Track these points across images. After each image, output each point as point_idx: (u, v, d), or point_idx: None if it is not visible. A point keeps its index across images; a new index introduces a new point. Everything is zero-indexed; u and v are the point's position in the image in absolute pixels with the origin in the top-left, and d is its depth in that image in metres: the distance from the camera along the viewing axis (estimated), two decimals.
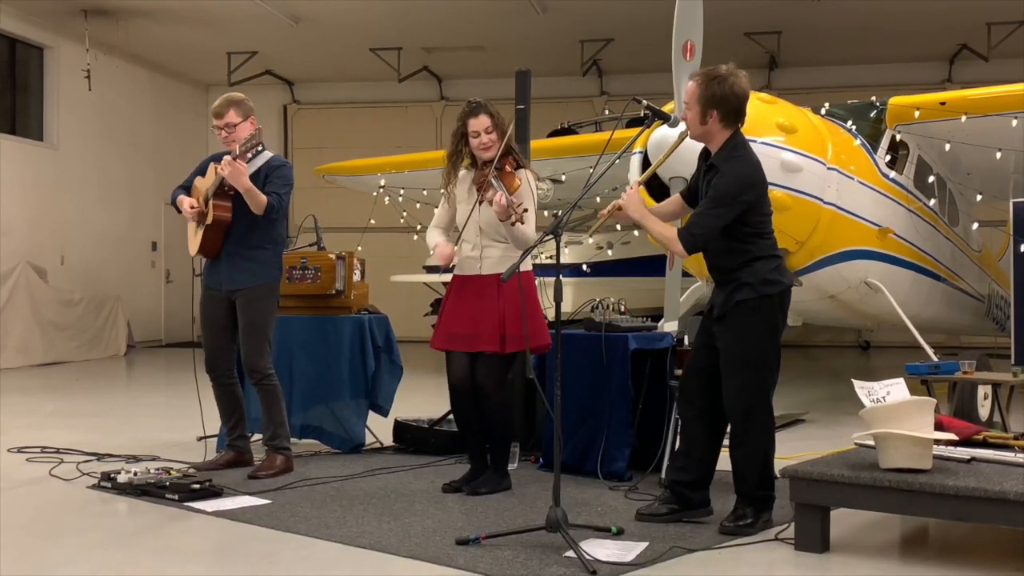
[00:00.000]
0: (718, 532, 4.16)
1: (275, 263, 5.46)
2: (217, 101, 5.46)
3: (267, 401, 5.41)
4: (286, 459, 5.40)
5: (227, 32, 14.68)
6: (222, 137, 5.41)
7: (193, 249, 5.50)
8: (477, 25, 14.35)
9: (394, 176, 11.83)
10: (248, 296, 5.36)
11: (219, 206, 5.33)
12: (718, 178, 4.15)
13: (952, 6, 13.10)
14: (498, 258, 4.92)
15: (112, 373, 12.14)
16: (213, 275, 5.47)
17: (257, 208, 5.24)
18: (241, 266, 5.37)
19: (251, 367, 5.36)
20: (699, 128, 4.23)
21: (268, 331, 5.42)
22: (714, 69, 4.20)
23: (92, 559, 3.88)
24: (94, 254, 15.03)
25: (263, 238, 5.38)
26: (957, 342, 11.54)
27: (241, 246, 5.37)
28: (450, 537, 4.04)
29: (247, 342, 5.37)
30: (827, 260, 7.31)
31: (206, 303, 5.52)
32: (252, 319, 5.36)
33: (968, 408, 6.46)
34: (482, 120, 4.90)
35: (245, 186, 5.19)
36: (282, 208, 5.37)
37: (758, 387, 4.19)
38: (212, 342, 5.48)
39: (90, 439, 6.50)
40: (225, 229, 5.37)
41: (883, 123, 8.30)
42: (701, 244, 4.17)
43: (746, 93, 4.20)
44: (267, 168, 5.39)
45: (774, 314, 4.22)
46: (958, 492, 3.60)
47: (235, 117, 5.38)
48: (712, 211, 4.12)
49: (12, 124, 14.04)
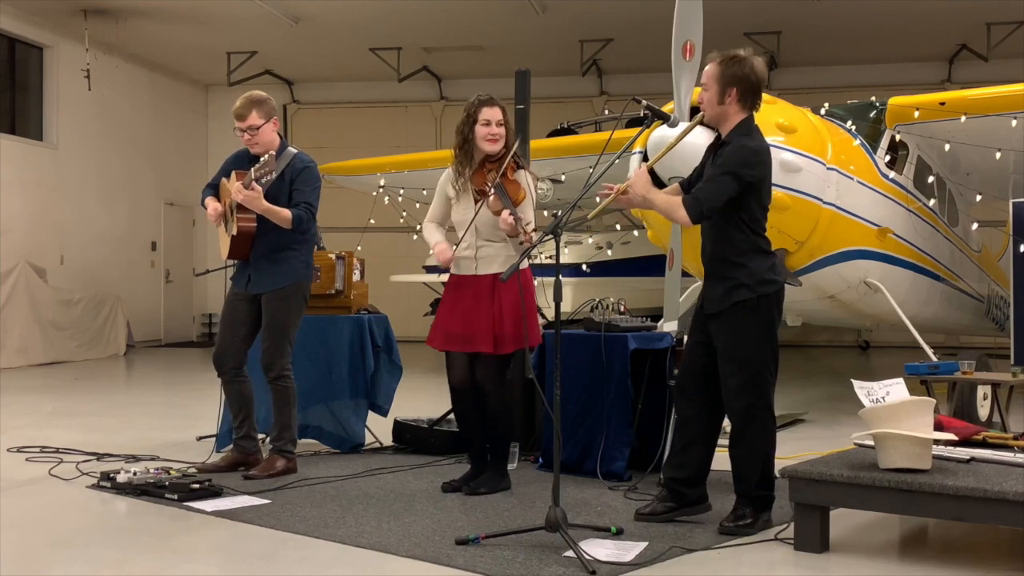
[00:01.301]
0: (718, 532, 4.16)
1: (303, 262, 5.40)
2: (239, 102, 5.33)
3: (278, 402, 5.37)
4: (288, 462, 5.36)
5: (227, 32, 14.69)
6: (245, 140, 5.33)
7: (224, 253, 5.47)
8: (477, 25, 14.36)
9: (394, 176, 11.83)
10: (272, 296, 5.33)
11: (243, 218, 5.26)
12: (727, 149, 4.18)
13: (952, 6, 13.10)
14: (493, 256, 4.91)
15: (112, 373, 12.13)
16: (242, 277, 5.43)
17: (283, 224, 5.20)
18: (268, 269, 5.33)
19: (268, 365, 5.32)
20: (716, 108, 4.24)
21: (289, 331, 5.37)
22: (733, 51, 4.26)
23: (91, 559, 3.88)
24: (94, 254, 15.03)
25: (292, 240, 5.32)
26: (956, 342, 11.54)
27: (269, 250, 5.32)
28: (449, 537, 4.04)
29: (266, 339, 5.32)
30: (826, 260, 7.31)
31: (230, 300, 5.49)
32: (274, 318, 5.32)
33: (967, 408, 6.47)
34: (495, 112, 4.92)
35: (262, 209, 5.14)
36: (313, 216, 5.31)
37: (758, 386, 4.19)
38: (224, 338, 5.45)
39: (90, 439, 6.50)
40: (251, 238, 5.32)
41: (883, 123, 8.30)
42: (707, 211, 4.16)
43: (764, 76, 4.27)
44: (291, 171, 5.30)
45: (771, 312, 4.23)
46: (957, 492, 3.60)
47: (257, 119, 5.28)
48: (718, 178, 4.14)
49: (12, 124, 14.05)
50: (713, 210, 4.17)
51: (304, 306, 5.47)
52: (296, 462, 5.42)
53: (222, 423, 6.05)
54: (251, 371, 5.52)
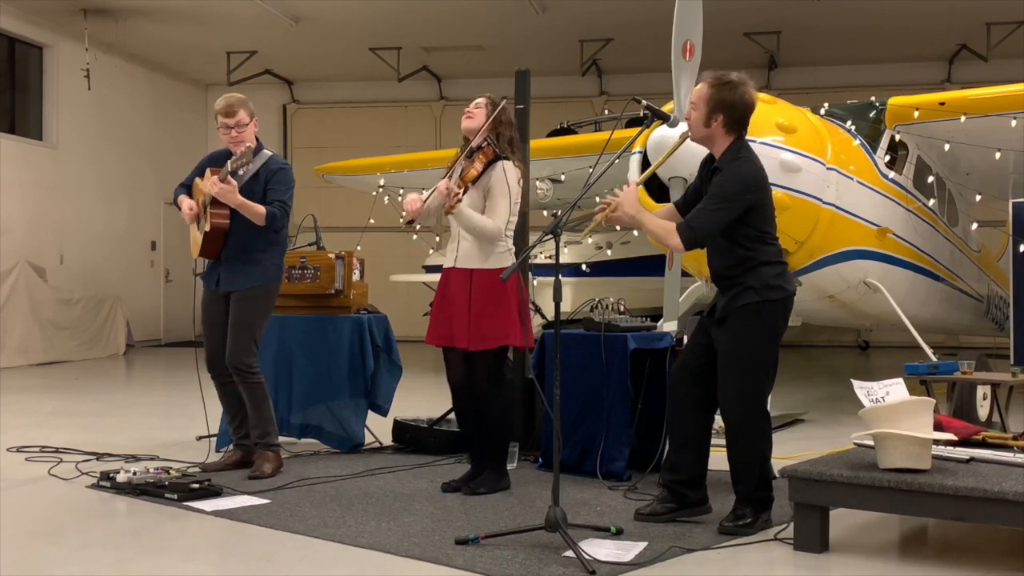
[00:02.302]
0: (717, 532, 4.16)
1: (273, 264, 5.43)
2: (226, 100, 5.40)
3: (253, 398, 5.38)
4: (275, 455, 5.39)
5: (226, 31, 14.68)
6: (231, 136, 5.36)
7: (195, 251, 5.49)
8: (476, 25, 14.35)
9: (393, 176, 11.84)
10: (241, 295, 5.35)
11: (216, 214, 5.29)
12: (721, 176, 4.15)
13: (952, 6, 13.10)
14: (467, 250, 4.90)
15: (111, 372, 12.13)
16: (212, 276, 5.46)
17: (257, 220, 5.23)
18: (239, 268, 5.35)
19: (234, 364, 5.33)
20: (702, 130, 4.23)
21: (255, 330, 5.38)
22: (726, 74, 4.20)
23: (91, 558, 3.88)
24: (93, 253, 15.03)
25: (263, 241, 5.35)
26: (956, 342, 11.54)
27: (240, 250, 5.34)
28: (449, 537, 4.04)
29: (232, 338, 5.34)
30: (826, 260, 7.31)
31: (206, 303, 5.52)
32: (240, 317, 5.34)
33: (967, 408, 6.46)
34: (477, 100, 5.00)
35: (237, 203, 5.18)
36: (286, 215, 5.34)
37: (754, 390, 4.19)
38: (211, 342, 5.47)
39: (89, 438, 6.50)
40: (224, 235, 5.35)
41: (882, 123, 8.30)
42: (700, 239, 4.16)
43: (753, 104, 4.23)
44: (266, 172, 5.36)
45: (775, 319, 4.21)
46: (957, 492, 3.60)
47: (245, 117, 5.38)
48: (713, 207, 4.12)
49: (11, 123, 14.04)
50: (707, 239, 4.17)
51: (272, 307, 5.49)
52: (279, 452, 5.44)
53: (221, 423, 6.06)
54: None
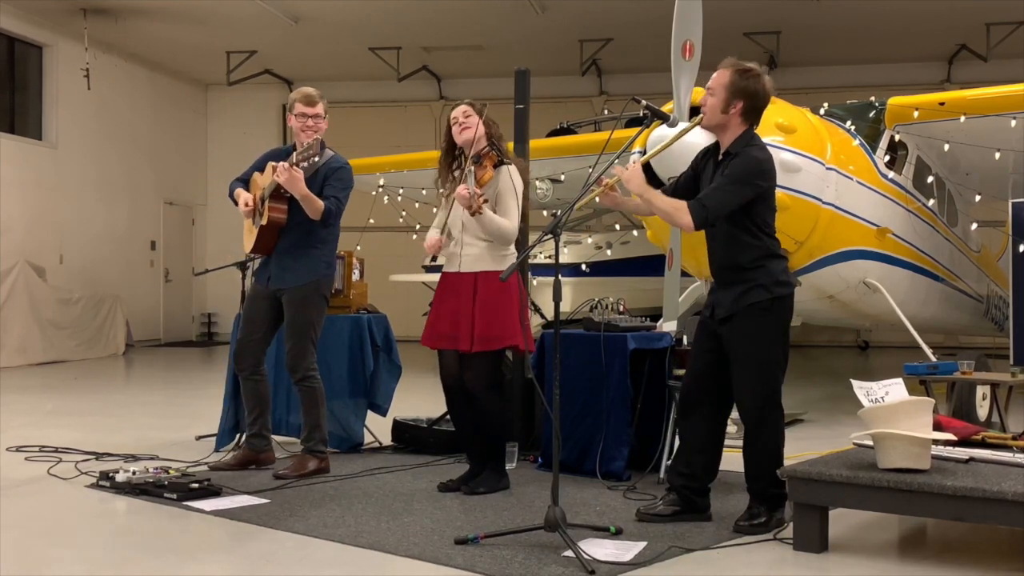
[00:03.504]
0: (732, 531, 4.17)
1: (324, 261, 5.40)
2: (310, 90, 5.41)
3: (306, 402, 5.37)
4: (320, 461, 5.35)
5: (226, 31, 14.69)
6: (307, 124, 5.34)
7: (248, 246, 5.47)
8: (476, 24, 14.36)
9: (393, 175, 11.83)
10: (293, 295, 5.32)
11: (275, 208, 5.28)
12: (736, 160, 4.16)
13: (952, 6, 13.11)
14: (477, 256, 4.90)
15: (111, 372, 12.13)
16: (263, 272, 5.45)
17: (314, 214, 5.21)
18: (289, 265, 5.34)
19: (292, 366, 5.32)
20: (718, 116, 4.23)
21: (312, 331, 5.36)
22: (748, 64, 4.25)
23: (91, 558, 3.88)
24: (93, 253, 15.03)
25: (315, 238, 5.34)
26: (955, 342, 11.55)
27: (292, 245, 5.33)
28: (449, 537, 4.04)
29: (290, 340, 5.32)
30: (826, 260, 7.31)
31: (251, 297, 5.51)
32: (295, 318, 5.32)
33: (967, 408, 6.47)
34: (461, 108, 4.99)
35: (302, 193, 5.14)
36: (340, 212, 5.34)
37: (770, 386, 4.21)
38: (244, 335, 5.45)
39: (89, 438, 6.50)
40: (279, 230, 5.34)
41: (882, 123, 8.30)
42: (712, 218, 4.15)
43: (770, 95, 4.26)
44: (326, 169, 5.34)
45: (785, 314, 4.24)
46: (956, 492, 3.60)
47: (323, 111, 5.39)
48: (728, 187, 4.12)
49: (11, 123, 14.04)
50: (718, 218, 4.16)
51: (325, 305, 5.46)
52: (328, 461, 5.42)
53: (222, 421, 6.07)
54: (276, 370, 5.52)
